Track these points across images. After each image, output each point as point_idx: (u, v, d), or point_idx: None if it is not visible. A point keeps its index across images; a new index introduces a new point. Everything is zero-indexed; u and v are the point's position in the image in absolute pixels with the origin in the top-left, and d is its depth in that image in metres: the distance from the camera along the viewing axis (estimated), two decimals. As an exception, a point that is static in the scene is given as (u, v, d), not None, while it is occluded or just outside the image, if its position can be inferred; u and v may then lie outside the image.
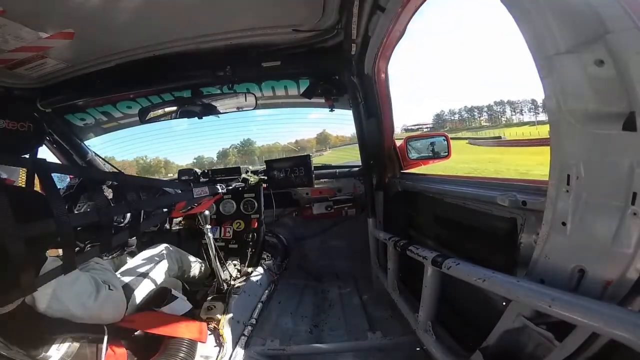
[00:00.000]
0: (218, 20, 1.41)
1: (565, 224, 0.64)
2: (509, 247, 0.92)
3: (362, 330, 1.65)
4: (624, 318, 0.48)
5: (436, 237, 1.55)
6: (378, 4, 1.20)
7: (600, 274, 0.57)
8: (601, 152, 0.56)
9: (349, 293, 2.13)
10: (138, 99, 2.17)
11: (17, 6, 1.10)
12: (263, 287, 1.93)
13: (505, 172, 13.60)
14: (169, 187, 1.89)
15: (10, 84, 1.70)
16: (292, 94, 2.29)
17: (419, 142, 2.04)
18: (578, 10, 0.52)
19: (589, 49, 0.53)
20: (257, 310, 1.69)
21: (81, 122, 2.33)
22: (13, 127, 0.98)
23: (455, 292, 1.32)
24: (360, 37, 1.41)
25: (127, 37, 1.49)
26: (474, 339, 0.96)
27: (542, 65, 0.61)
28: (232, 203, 2.11)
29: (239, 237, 2.03)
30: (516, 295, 0.67)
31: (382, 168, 1.90)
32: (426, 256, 1.08)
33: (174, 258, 1.69)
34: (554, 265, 0.67)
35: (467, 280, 0.83)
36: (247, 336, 1.45)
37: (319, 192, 2.46)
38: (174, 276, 1.63)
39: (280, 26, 1.49)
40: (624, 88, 0.50)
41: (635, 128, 0.49)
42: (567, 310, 0.55)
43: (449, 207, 1.33)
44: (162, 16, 1.33)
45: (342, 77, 1.81)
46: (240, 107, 2.03)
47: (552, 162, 0.65)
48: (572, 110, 0.59)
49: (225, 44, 1.58)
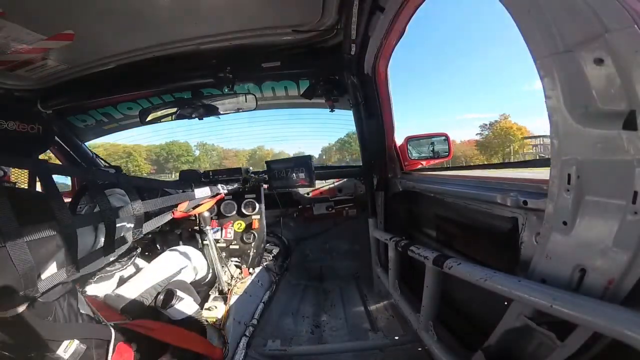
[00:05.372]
0: (218, 21, 1.41)
1: (566, 224, 0.64)
2: (510, 246, 0.92)
3: (363, 330, 1.65)
4: (626, 317, 0.48)
5: (437, 237, 1.55)
6: (378, 4, 1.20)
7: (601, 273, 0.57)
8: (602, 152, 0.56)
9: (350, 293, 2.13)
10: (139, 100, 2.18)
11: (17, 8, 1.10)
12: (264, 288, 1.93)
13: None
14: (170, 188, 1.90)
15: (11, 85, 1.71)
16: (292, 95, 2.29)
17: (420, 142, 2.04)
18: (577, 10, 0.52)
19: (589, 48, 0.53)
20: (259, 310, 1.69)
21: (82, 123, 2.33)
22: (23, 129, 0.97)
23: (456, 292, 1.32)
24: (359, 37, 1.41)
25: (127, 39, 1.49)
26: (476, 339, 0.96)
27: (542, 64, 0.61)
28: (233, 204, 2.11)
29: (240, 238, 2.03)
30: (517, 295, 0.67)
31: (383, 168, 1.90)
32: (427, 256, 1.08)
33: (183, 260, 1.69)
34: (555, 265, 0.67)
35: (469, 280, 0.83)
36: (248, 337, 1.45)
37: (319, 193, 2.47)
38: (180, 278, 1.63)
39: (280, 27, 1.49)
40: (623, 87, 0.50)
41: (636, 127, 0.49)
42: (568, 310, 0.55)
43: (450, 206, 1.32)
44: (162, 17, 1.33)
45: (342, 77, 1.81)
46: (240, 108, 2.03)
47: (553, 161, 0.65)
48: (572, 109, 0.59)
49: (225, 45, 1.58)
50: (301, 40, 1.60)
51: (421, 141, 2.05)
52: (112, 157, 57.68)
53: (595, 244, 0.59)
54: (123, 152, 50.63)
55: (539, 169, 1.19)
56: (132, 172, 55.12)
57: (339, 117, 2.36)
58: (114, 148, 52.35)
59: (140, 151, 51.06)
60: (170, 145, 49.84)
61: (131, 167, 52.25)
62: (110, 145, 53.97)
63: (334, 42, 1.63)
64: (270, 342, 1.51)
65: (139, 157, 51.08)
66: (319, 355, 1.47)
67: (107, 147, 56.70)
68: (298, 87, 2.17)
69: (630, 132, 0.50)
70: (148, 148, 52.11)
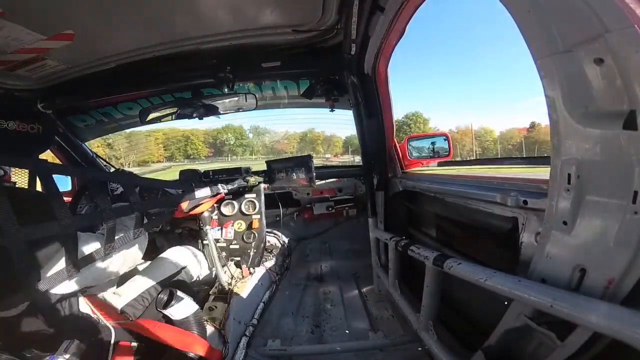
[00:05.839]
0: (218, 20, 1.41)
1: (566, 223, 0.64)
2: (510, 246, 0.92)
3: (363, 330, 1.65)
4: (626, 317, 0.48)
5: (437, 237, 1.55)
6: (378, 4, 1.20)
7: (601, 273, 0.57)
8: (602, 151, 0.56)
9: (350, 293, 2.13)
10: (139, 100, 2.17)
11: (17, 8, 1.10)
12: (264, 288, 1.93)
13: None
14: (170, 188, 1.90)
15: (11, 85, 1.71)
16: (292, 94, 2.29)
17: (420, 142, 2.05)
18: (577, 10, 0.52)
19: (589, 48, 0.53)
20: (259, 310, 1.69)
21: (82, 123, 2.33)
22: (23, 129, 0.98)
23: (456, 291, 1.32)
24: (360, 37, 1.41)
25: (127, 38, 1.49)
26: (476, 339, 0.96)
27: (542, 64, 0.61)
28: (233, 203, 2.12)
29: (240, 238, 2.03)
30: (518, 295, 0.67)
31: (383, 168, 1.90)
32: (427, 256, 1.08)
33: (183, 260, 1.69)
34: (555, 265, 0.67)
35: (469, 280, 0.83)
36: (248, 336, 1.45)
37: (320, 192, 2.47)
38: (179, 277, 1.64)
39: (280, 26, 1.49)
40: (623, 87, 0.50)
41: (636, 127, 0.49)
42: (568, 310, 0.55)
43: (450, 206, 1.32)
44: (162, 17, 1.33)
45: (342, 77, 1.81)
46: (240, 108, 2.03)
47: (553, 161, 0.65)
48: (572, 109, 0.59)
49: (225, 45, 1.58)
50: (301, 40, 1.60)
51: (421, 141, 2.06)
52: (171, 140, 58.78)
53: (595, 244, 0.59)
54: (182, 136, 52.10)
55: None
56: (191, 155, 55.15)
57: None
58: (173, 132, 54.15)
59: (198, 135, 51.93)
60: (226, 129, 50.55)
61: (190, 151, 53.00)
62: (170, 130, 55.13)
63: (334, 42, 1.63)
64: (270, 342, 1.51)
65: (197, 141, 52.06)
66: (319, 355, 1.47)
67: (166, 131, 57.06)
68: (298, 87, 2.17)
69: (630, 132, 0.50)
70: (205, 132, 53.14)
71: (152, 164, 53.12)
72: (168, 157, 53.99)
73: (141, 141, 53.32)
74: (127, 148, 51.66)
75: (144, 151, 54.01)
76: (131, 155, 52.88)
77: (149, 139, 52.95)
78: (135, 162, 54.20)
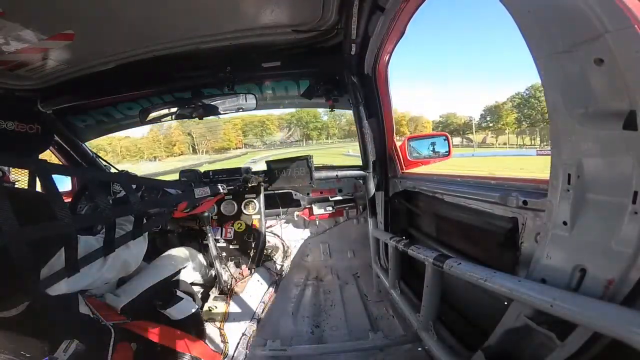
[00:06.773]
0: (218, 20, 1.41)
1: (566, 223, 0.64)
2: (510, 246, 0.92)
3: (363, 330, 1.65)
4: (626, 317, 0.48)
5: (437, 237, 1.55)
6: (378, 4, 1.20)
7: (601, 273, 0.57)
8: (602, 152, 0.56)
9: (350, 293, 2.13)
10: (139, 100, 2.17)
11: (17, 8, 1.10)
12: (264, 288, 1.93)
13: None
14: (170, 188, 1.90)
15: (11, 85, 1.71)
16: (292, 94, 2.29)
17: (420, 142, 2.05)
18: (577, 9, 0.52)
19: (589, 48, 0.52)
20: (259, 310, 1.69)
21: (82, 123, 2.33)
22: (22, 129, 0.97)
23: (456, 291, 1.32)
24: (360, 37, 1.41)
25: (127, 38, 1.49)
26: (476, 339, 0.96)
27: (542, 64, 0.61)
28: (233, 204, 2.11)
29: (240, 238, 2.03)
30: (518, 295, 0.67)
31: (383, 168, 1.90)
32: (427, 256, 1.08)
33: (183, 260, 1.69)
34: (555, 265, 0.67)
35: (469, 280, 0.83)
36: (248, 336, 1.45)
37: (319, 193, 2.47)
38: (179, 277, 1.64)
39: (280, 26, 1.49)
40: (623, 87, 0.50)
41: (636, 127, 0.49)
42: (568, 310, 0.55)
43: (449, 206, 1.32)
44: (162, 17, 1.33)
45: (342, 77, 1.81)
46: (240, 108, 2.03)
47: (553, 161, 0.65)
48: (572, 109, 0.59)
49: (225, 45, 1.58)
50: (301, 40, 1.60)
51: (421, 141, 2.06)
52: (249, 126, 58.33)
53: (595, 244, 0.59)
54: (258, 121, 53.81)
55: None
56: (266, 139, 55.70)
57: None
58: (251, 118, 54.64)
59: (273, 120, 53.78)
60: (300, 112, 50.70)
61: (265, 135, 53.75)
62: (248, 116, 56.07)
63: (334, 42, 1.63)
64: (270, 342, 1.51)
65: (272, 125, 52.80)
66: (319, 355, 1.47)
67: (244, 117, 57.64)
68: (298, 87, 2.17)
69: (630, 132, 0.50)
70: (280, 117, 54.70)
71: (232, 150, 53.37)
72: (246, 144, 54.06)
73: (219, 127, 53.34)
74: (201, 135, 51.30)
75: (223, 137, 53.99)
76: (208, 142, 52.63)
77: (227, 125, 53.16)
78: (213, 150, 54.08)
